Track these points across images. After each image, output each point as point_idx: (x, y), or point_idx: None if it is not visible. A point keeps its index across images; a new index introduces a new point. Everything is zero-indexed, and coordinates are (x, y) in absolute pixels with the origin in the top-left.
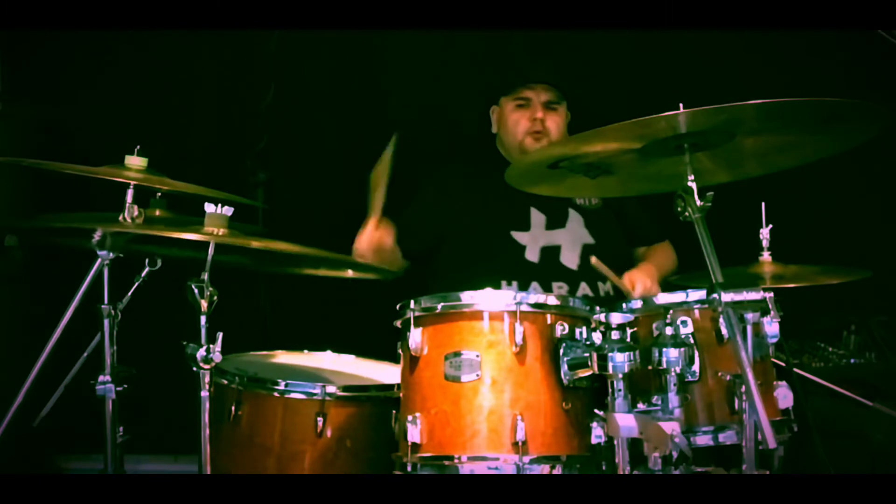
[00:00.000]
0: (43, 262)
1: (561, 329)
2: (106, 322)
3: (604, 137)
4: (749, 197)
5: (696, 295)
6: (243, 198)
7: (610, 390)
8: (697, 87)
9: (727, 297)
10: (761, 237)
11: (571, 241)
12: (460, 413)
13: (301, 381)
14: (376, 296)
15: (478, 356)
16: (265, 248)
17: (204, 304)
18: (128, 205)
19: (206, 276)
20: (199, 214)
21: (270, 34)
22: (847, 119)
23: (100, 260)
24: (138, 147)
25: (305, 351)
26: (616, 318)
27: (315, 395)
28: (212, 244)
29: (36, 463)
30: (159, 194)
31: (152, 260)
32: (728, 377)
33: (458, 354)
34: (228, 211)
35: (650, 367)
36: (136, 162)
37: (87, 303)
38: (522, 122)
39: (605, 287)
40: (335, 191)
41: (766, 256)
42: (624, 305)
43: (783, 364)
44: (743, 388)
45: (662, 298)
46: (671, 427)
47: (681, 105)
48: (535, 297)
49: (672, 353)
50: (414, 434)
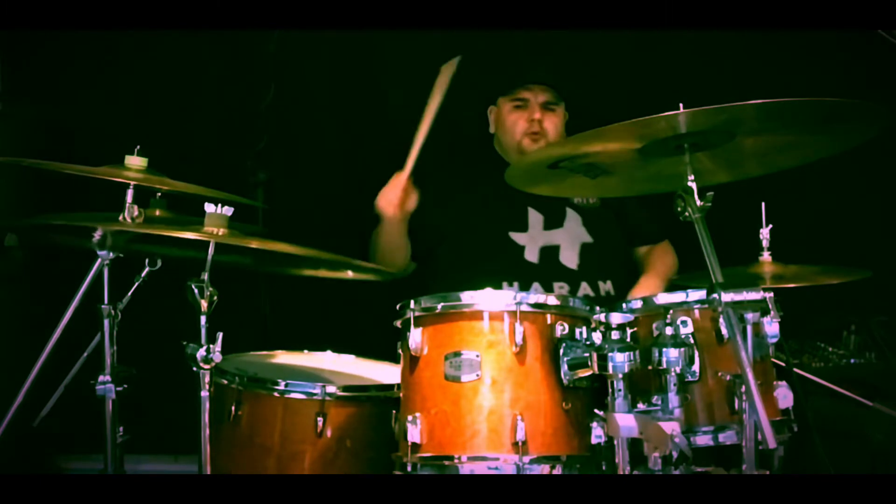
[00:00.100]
0: (43, 262)
1: (561, 329)
2: (106, 322)
3: (604, 137)
4: (749, 197)
5: (696, 295)
6: (243, 198)
7: (610, 390)
8: (697, 87)
9: (727, 297)
10: (761, 237)
11: (570, 241)
12: (460, 413)
13: (301, 381)
14: (376, 296)
15: (478, 356)
16: (265, 248)
17: (204, 304)
18: (128, 205)
19: (206, 276)
20: (199, 214)
21: (270, 34)
22: (847, 119)
23: (100, 260)
24: (138, 147)
25: (305, 351)
26: (616, 318)
27: (315, 395)
28: (212, 244)
29: (36, 463)
30: (159, 194)
31: (152, 260)
32: (728, 377)
33: (458, 354)
34: (228, 211)
35: (650, 367)
36: (136, 162)
37: (87, 303)
38: (520, 123)
39: (605, 287)
40: (335, 191)
41: (766, 256)
42: (624, 305)
43: (783, 364)
44: (743, 388)
45: (662, 298)
46: (671, 427)
47: (681, 105)
48: (535, 297)
49: (672, 353)
50: (414, 434)
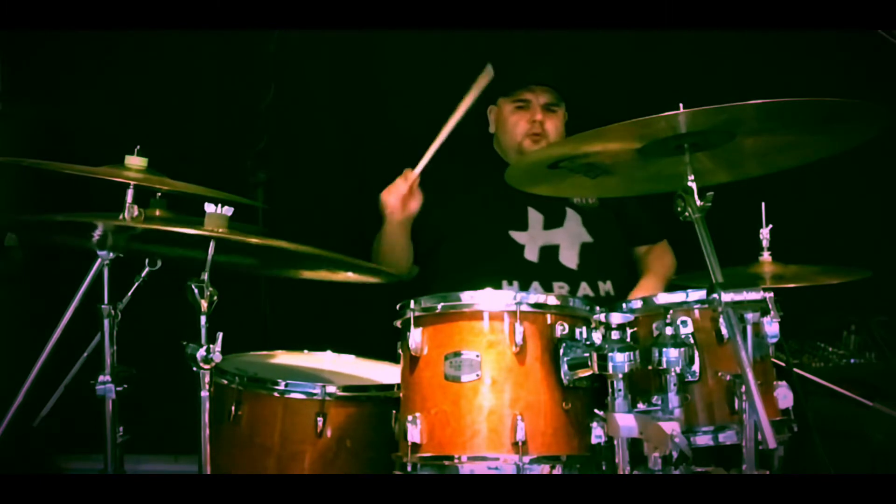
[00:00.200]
0: (43, 262)
1: (561, 329)
2: (106, 322)
3: (604, 137)
4: (749, 197)
5: (696, 295)
6: (243, 198)
7: (610, 390)
8: (697, 87)
9: (727, 297)
10: (761, 237)
11: (570, 240)
12: (460, 413)
13: (301, 381)
14: (376, 296)
15: (478, 356)
16: (265, 244)
17: (204, 304)
18: (128, 205)
19: (206, 276)
20: (199, 214)
21: (270, 34)
22: (847, 119)
23: (100, 260)
24: (138, 147)
25: (305, 351)
26: (616, 318)
27: (315, 395)
28: (212, 244)
29: (36, 463)
30: (159, 194)
31: (152, 260)
32: (728, 377)
33: (458, 354)
34: (228, 211)
35: (650, 367)
36: (136, 162)
37: (87, 303)
38: (521, 124)
39: (605, 287)
40: (335, 191)
41: (766, 256)
42: (624, 305)
43: (783, 364)
44: (743, 388)
45: (662, 298)
46: (671, 427)
47: (681, 105)
48: (535, 297)
49: (672, 353)
50: (414, 434)
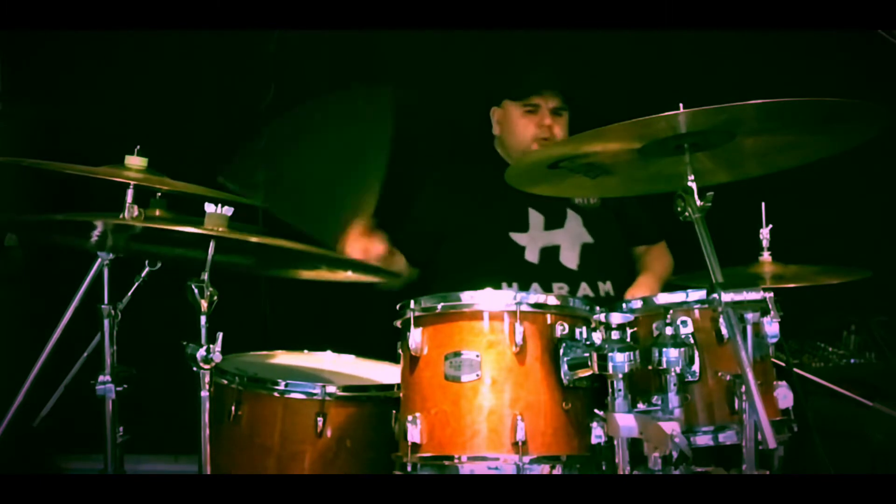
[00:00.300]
0: (43, 262)
1: (561, 329)
2: (106, 322)
3: (604, 137)
4: (749, 197)
5: (696, 295)
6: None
7: (610, 390)
8: (697, 87)
9: (727, 297)
10: (761, 237)
11: (570, 241)
12: (460, 413)
13: (301, 381)
14: (376, 296)
15: (478, 356)
16: (265, 243)
17: (204, 304)
18: (128, 205)
19: (206, 276)
20: (199, 215)
21: (270, 34)
22: (847, 119)
23: (100, 260)
24: (138, 147)
25: (305, 351)
26: (616, 318)
27: (315, 395)
28: (212, 243)
29: (36, 463)
30: (159, 194)
31: (152, 260)
32: (728, 377)
33: (458, 354)
34: (228, 211)
35: (650, 367)
36: (136, 162)
37: (87, 303)
38: (531, 128)
39: (605, 287)
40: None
41: (766, 256)
42: (624, 305)
43: (783, 364)
44: (743, 388)
45: (662, 298)
46: (671, 427)
47: (681, 105)
48: (535, 297)
49: (672, 353)
50: (414, 434)
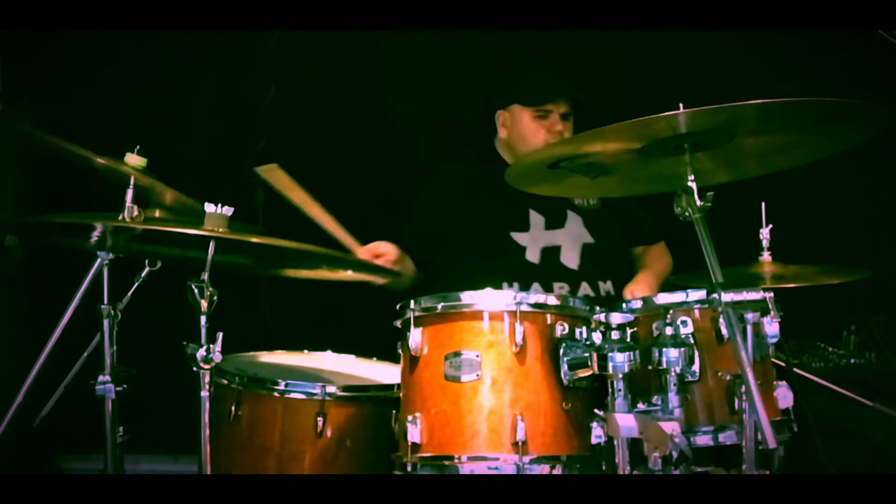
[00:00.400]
0: (43, 262)
1: (561, 329)
2: (106, 322)
3: (604, 137)
4: (749, 197)
5: (696, 295)
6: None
7: (610, 390)
8: (697, 87)
9: (727, 297)
10: (761, 237)
11: (571, 241)
12: (460, 413)
13: (301, 381)
14: (376, 296)
15: (478, 356)
16: (265, 243)
17: (204, 304)
18: (127, 205)
19: (206, 276)
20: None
21: (270, 34)
22: (847, 119)
23: (100, 260)
24: (138, 147)
25: (305, 351)
26: (616, 318)
27: (315, 395)
28: (212, 244)
29: (36, 463)
30: (158, 195)
31: (152, 260)
32: (728, 377)
33: (458, 354)
34: (228, 211)
35: (650, 367)
36: (135, 161)
37: (87, 303)
38: (541, 133)
39: (605, 287)
40: (335, 191)
41: (766, 256)
42: (624, 305)
43: (783, 364)
44: (743, 388)
45: (662, 298)
46: (671, 427)
47: (681, 105)
48: (535, 297)
49: (672, 353)
50: (414, 434)
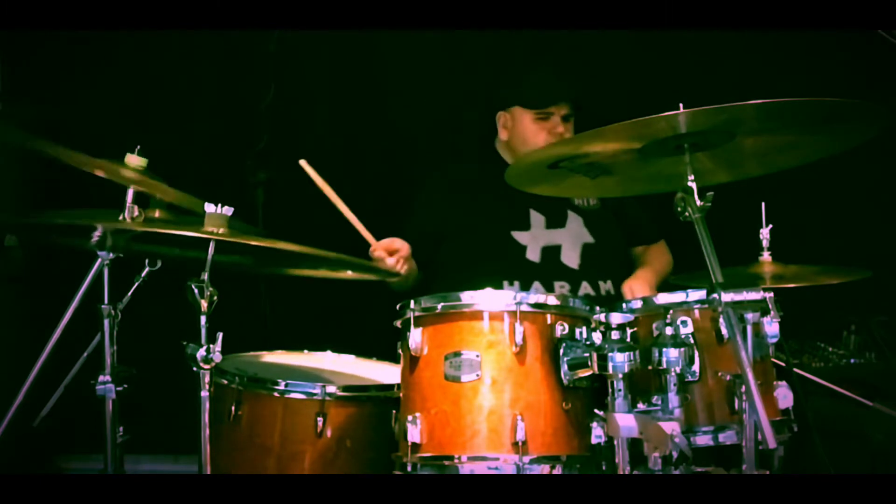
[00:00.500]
0: (43, 262)
1: (561, 329)
2: (106, 322)
3: (604, 137)
4: (749, 197)
5: (696, 295)
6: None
7: (610, 390)
8: (697, 87)
9: (727, 297)
10: (761, 237)
11: (572, 241)
12: (460, 413)
13: (301, 381)
14: (376, 296)
15: (478, 356)
16: (265, 245)
17: (204, 304)
18: (128, 205)
19: (206, 276)
20: (200, 214)
21: (270, 34)
22: (847, 119)
23: (100, 260)
24: (138, 147)
25: (305, 351)
26: (616, 318)
27: (315, 395)
28: (212, 244)
29: (36, 463)
30: (159, 195)
31: (152, 260)
32: (728, 377)
33: (458, 354)
34: (228, 211)
35: (650, 367)
36: (135, 161)
37: (87, 303)
38: (542, 135)
39: (605, 286)
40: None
41: (766, 256)
42: (624, 305)
43: (783, 364)
44: (743, 388)
45: (662, 298)
46: (671, 427)
47: (681, 105)
48: (535, 297)
49: (672, 353)
50: (414, 434)
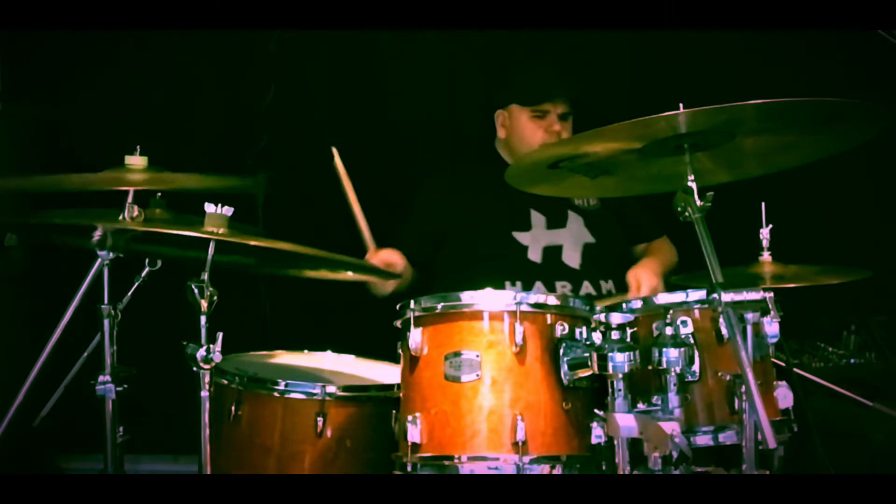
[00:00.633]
0: (43, 262)
1: (561, 329)
2: (106, 322)
3: (604, 137)
4: (749, 197)
5: (696, 295)
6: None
7: (610, 390)
8: (697, 87)
9: (727, 297)
10: (761, 237)
11: (573, 241)
12: (460, 413)
13: (301, 381)
14: (376, 296)
15: (478, 356)
16: (265, 246)
17: (204, 304)
18: (128, 205)
19: (206, 276)
20: (200, 214)
21: (270, 34)
22: (847, 119)
23: (100, 260)
24: (139, 147)
25: (305, 351)
26: (616, 318)
27: (315, 395)
28: (212, 244)
29: (36, 463)
30: (159, 194)
31: (152, 260)
32: (728, 377)
33: (458, 354)
34: (228, 211)
35: (650, 367)
36: (136, 161)
37: (87, 303)
38: (539, 133)
39: (607, 286)
40: (335, 191)
41: (766, 256)
42: (624, 305)
43: (783, 364)
44: (743, 388)
45: (662, 298)
46: (671, 427)
47: (681, 105)
48: (535, 297)
49: (672, 353)
50: (414, 434)
